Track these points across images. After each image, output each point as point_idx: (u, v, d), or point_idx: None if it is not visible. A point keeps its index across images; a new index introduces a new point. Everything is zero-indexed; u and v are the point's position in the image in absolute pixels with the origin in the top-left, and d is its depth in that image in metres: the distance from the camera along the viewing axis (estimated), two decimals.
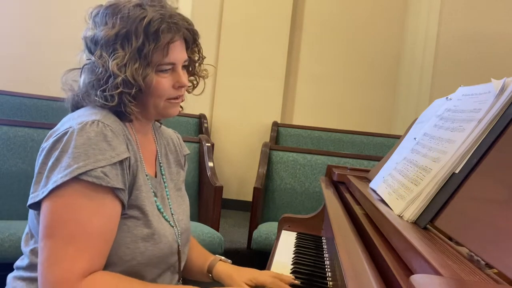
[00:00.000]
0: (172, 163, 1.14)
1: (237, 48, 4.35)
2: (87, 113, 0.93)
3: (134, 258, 0.92)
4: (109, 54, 0.92)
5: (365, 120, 4.46)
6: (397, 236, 0.71)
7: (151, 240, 0.94)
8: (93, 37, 0.95)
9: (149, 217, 0.95)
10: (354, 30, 4.48)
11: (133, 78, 0.91)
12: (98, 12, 0.97)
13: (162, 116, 1.04)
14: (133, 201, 0.94)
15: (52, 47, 4.27)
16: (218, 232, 2.36)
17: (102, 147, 0.86)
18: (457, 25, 4.27)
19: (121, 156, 0.89)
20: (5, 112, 3.59)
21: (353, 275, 0.70)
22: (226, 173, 4.33)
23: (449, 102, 1.02)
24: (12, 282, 0.97)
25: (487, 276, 0.55)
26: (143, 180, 0.97)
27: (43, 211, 0.86)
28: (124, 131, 0.94)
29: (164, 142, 1.14)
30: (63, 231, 0.84)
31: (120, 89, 0.91)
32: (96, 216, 0.86)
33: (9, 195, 2.21)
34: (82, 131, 0.86)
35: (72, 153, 0.84)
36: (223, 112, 4.41)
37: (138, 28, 0.92)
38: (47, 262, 0.84)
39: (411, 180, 0.88)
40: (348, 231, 0.97)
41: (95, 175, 0.84)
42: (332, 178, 1.67)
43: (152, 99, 0.98)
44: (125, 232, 0.91)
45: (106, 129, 0.89)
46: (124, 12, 0.93)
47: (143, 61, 0.92)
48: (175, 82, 0.99)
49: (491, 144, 0.73)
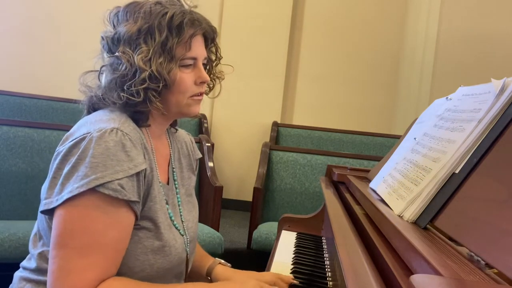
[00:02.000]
0: (184, 168, 1.12)
1: (237, 48, 4.35)
2: (105, 118, 0.91)
3: (143, 270, 0.92)
4: (133, 50, 0.91)
5: (365, 120, 4.46)
6: (397, 236, 0.71)
7: (161, 253, 0.94)
8: (114, 36, 0.94)
9: (161, 230, 0.94)
10: (354, 30, 4.48)
11: (159, 72, 0.90)
12: (118, 12, 0.96)
13: (183, 115, 1.01)
14: (146, 212, 0.92)
15: (53, 47, 4.28)
16: (218, 232, 2.36)
17: (120, 157, 0.85)
18: (457, 25, 4.27)
19: (138, 167, 0.87)
20: (5, 112, 3.59)
21: (353, 275, 0.70)
22: (226, 173, 4.33)
23: (449, 102, 1.02)
24: (19, 283, 0.96)
25: (487, 276, 0.55)
26: (157, 190, 0.95)
27: (57, 219, 0.84)
28: (141, 140, 0.93)
29: (178, 146, 1.13)
30: (75, 241, 0.83)
31: (147, 84, 0.90)
32: (111, 229, 0.84)
33: (9, 195, 2.21)
34: (100, 139, 0.84)
35: (90, 163, 0.82)
36: (223, 112, 4.41)
37: (161, 22, 0.92)
38: (57, 273, 0.83)
39: (411, 180, 0.88)
40: (348, 231, 0.97)
41: (112, 187, 0.83)
42: (332, 178, 1.67)
43: (175, 95, 0.96)
44: (136, 243, 0.91)
45: (125, 138, 0.87)
46: (145, 9, 0.93)
47: (167, 55, 0.92)
48: (197, 78, 0.98)
49: (491, 144, 0.73)
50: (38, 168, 2.26)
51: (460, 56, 4.25)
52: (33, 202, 2.22)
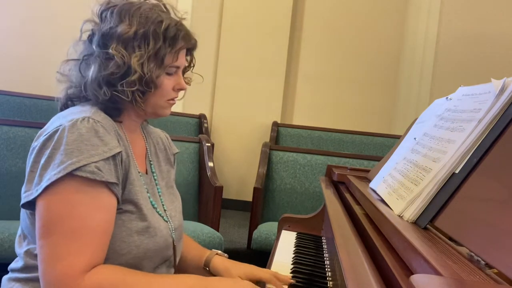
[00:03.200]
0: (162, 162, 1.15)
1: (237, 48, 4.35)
2: (76, 111, 0.94)
3: (130, 251, 0.93)
4: (127, 50, 0.94)
5: (365, 120, 4.46)
6: (397, 236, 0.71)
7: (146, 234, 0.95)
8: (107, 32, 0.95)
9: (143, 211, 0.96)
10: (354, 30, 4.48)
11: (149, 76, 0.95)
12: (109, 7, 0.98)
13: (156, 115, 1.05)
14: (127, 195, 0.94)
15: (53, 47, 4.27)
16: (218, 232, 2.36)
17: (94, 142, 0.87)
18: (457, 25, 4.27)
19: (113, 150, 0.89)
20: (5, 112, 3.59)
21: (353, 275, 0.70)
22: (226, 173, 4.33)
23: (449, 102, 1.02)
24: (7, 284, 0.97)
25: (487, 276, 0.55)
26: (135, 175, 0.98)
27: (39, 209, 0.86)
28: (114, 127, 0.95)
29: (154, 141, 1.15)
30: (62, 227, 0.84)
31: (136, 86, 0.94)
32: (94, 211, 0.86)
33: (9, 195, 2.21)
34: (73, 127, 0.87)
35: (65, 150, 0.85)
36: (223, 112, 4.41)
37: (156, 30, 0.96)
38: (48, 260, 0.83)
39: (411, 180, 0.88)
40: (348, 231, 0.97)
41: (89, 170, 0.84)
42: (332, 178, 1.67)
43: (156, 98, 1.00)
44: (120, 226, 0.92)
45: (97, 125, 0.90)
46: (141, 12, 0.97)
47: (158, 62, 0.97)
48: (176, 84, 1.04)
49: (491, 144, 0.73)
50: None
51: (460, 56, 4.25)
52: None
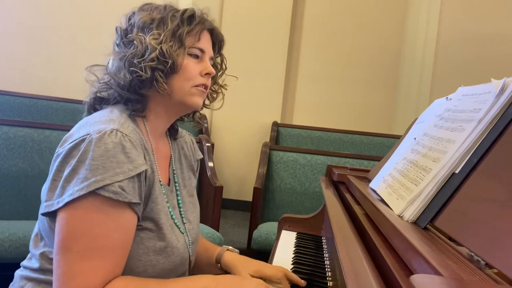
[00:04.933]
0: (185, 169, 1.13)
1: (237, 48, 4.34)
2: (104, 119, 0.91)
3: (145, 270, 0.92)
4: (145, 33, 0.96)
5: (365, 120, 4.46)
6: (397, 236, 0.71)
7: (163, 253, 0.94)
8: (128, 27, 0.99)
9: (163, 230, 0.94)
10: (354, 30, 4.48)
11: (169, 53, 0.94)
12: (134, 11, 1.02)
13: (185, 105, 1.01)
14: (148, 213, 0.93)
15: (54, 47, 4.28)
16: (218, 232, 2.36)
17: (120, 159, 0.85)
18: (457, 25, 4.27)
19: (138, 169, 0.87)
20: (5, 112, 3.59)
21: (353, 275, 0.70)
22: (226, 173, 4.33)
23: (449, 102, 1.02)
24: (20, 281, 0.96)
25: (487, 276, 0.55)
26: (158, 191, 0.96)
27: (59, 223, 0.84)
28: (141, 140, 0.93)
29: (179, 146, 1.13)
30: (78, 245, 0.83)
31: (155, 63, 0.94)
32: (113, 231, 0.85)
33: (9, 195, 2.21)
34: (100, 141, 0.84)
35: (90, 165, 0.82)
36: (223, 112, 4.39)
37: (174, 14, 0.99)
38: (63, 277, 0.82)
39: (411, 180, 0.88)
40: (348, 231, 0.97)
41: (113, 190, 0.83)
42: (332, 178, 1.67)
43: (180, 81, 0.98)
44: (137, 244, 0.91)
45: (125, 139, 0.87)
46: (160, 7, 1.01)
47: (177, 41, 0.97)
48: (202, 69, 1.01)
49: (491, 144, 0.73)
50: (38, 168, 2.26)
51: (460, 56, 4.25)
52: (33, 202, 2.22)
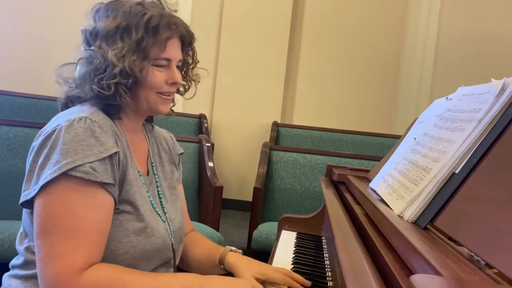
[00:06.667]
0: (165, 162, 1.14)
1: (237, 48, 4.35)
2: (74, 111, 0.94)
3: (127, 252, 0.93)
4: (109, 45, 0.94)
5: (365, 120, 4.46)
6: (397, 236, 0.71)
7: (143, 234, 0.95)
8: (93, 30, 0.97)
9: (140, 211, 0.96)
10: (354, 30, 4.48)
11: (131, 69, 0.94)
12: (100, 7, 1.00)
13: (153, 112, 1.04)
14: (124, 195, 0.95)
15: (53, 47, 4.27)
16: (218, 232, 2.36)
17: (90, 142, 0.88)
18: (457, 25, 4.27)
19: (109, 151, 0.90)
20: (5, 112, 3.59)
21: (353, 275, 0.70)
22: (226, 173, 4.33)
23: (449, 102, 1.02)
24: (8, 281, 0.98)
25: (487, 276, 0.55)
26: (133, 175, 0.98)
27: (36, 208, 0.87)
28: (112, 127, 0.95)
29: (157, 141, 1.15)
30: (59, 226, 0.85)
31: (117, 79, 0.93)
32: (90, 211, 0.87)
33: (9, 195, 2.21)
34: (69, 128, 0.88)
35: (61, 150, 0.86)
36: (223, 112, 4.41)
37: (139, 22, 0.95)
38: (45, 259, 0.84)
39: (411, 180, 0.88)
40: (348, 231, 0.97)
41: (84, 170, 0.85)
42: (332, 178, 1.67)
43: (145, 91, 0.99)
44: (117, 226, 0.93)
45: (94, 125, 0.90)
46: (126, 7, 0.97)
47: (141, 53, 0.95)
48: (168, 78, 1.01)
49: (491, 144, 0.73)
50: None
51: (460, 56, 4.25)
52: None
